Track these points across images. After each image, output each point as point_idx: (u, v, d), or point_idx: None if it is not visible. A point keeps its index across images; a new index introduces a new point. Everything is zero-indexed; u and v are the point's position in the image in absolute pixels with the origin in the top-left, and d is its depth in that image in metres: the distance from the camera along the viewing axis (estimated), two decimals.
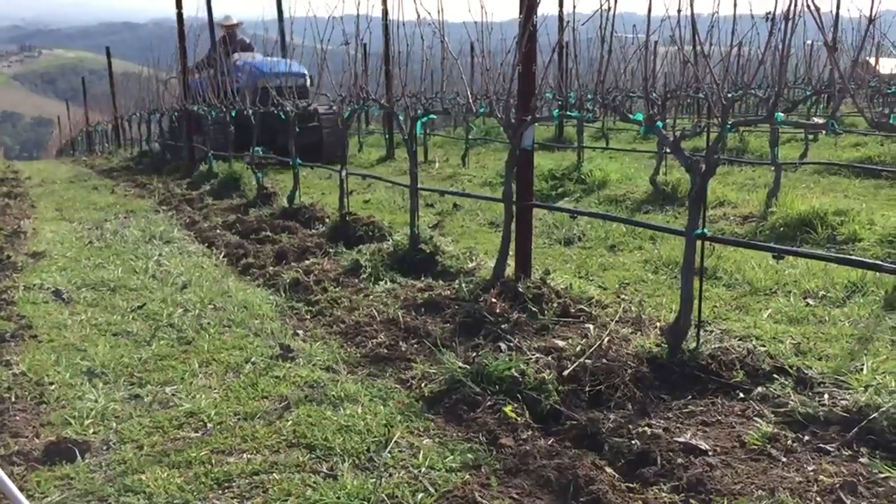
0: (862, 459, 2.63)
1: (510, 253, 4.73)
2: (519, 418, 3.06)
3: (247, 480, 2.70)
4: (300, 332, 4.34)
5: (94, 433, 3.11)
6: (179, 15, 12.09)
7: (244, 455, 2.89)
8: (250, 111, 9.22)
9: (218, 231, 7.36)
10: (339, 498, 2.54)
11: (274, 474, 2.73)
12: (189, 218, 8.39)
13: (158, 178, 12.06)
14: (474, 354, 3.66)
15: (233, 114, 10.11)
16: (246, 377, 3.66)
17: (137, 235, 7.33)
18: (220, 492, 2.65)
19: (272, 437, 3.01)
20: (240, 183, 9.96)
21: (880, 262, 3.51)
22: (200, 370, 3.78)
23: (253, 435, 3.04)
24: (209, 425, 3.15)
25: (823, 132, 9.74)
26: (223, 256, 6.30)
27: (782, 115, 3.18)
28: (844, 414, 2.92)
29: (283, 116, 8.25)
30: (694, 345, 3.51)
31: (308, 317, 4.64)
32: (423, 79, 5.38)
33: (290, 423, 3.13)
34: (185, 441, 3.02)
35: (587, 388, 3.28)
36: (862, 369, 3.40)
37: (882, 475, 2.50)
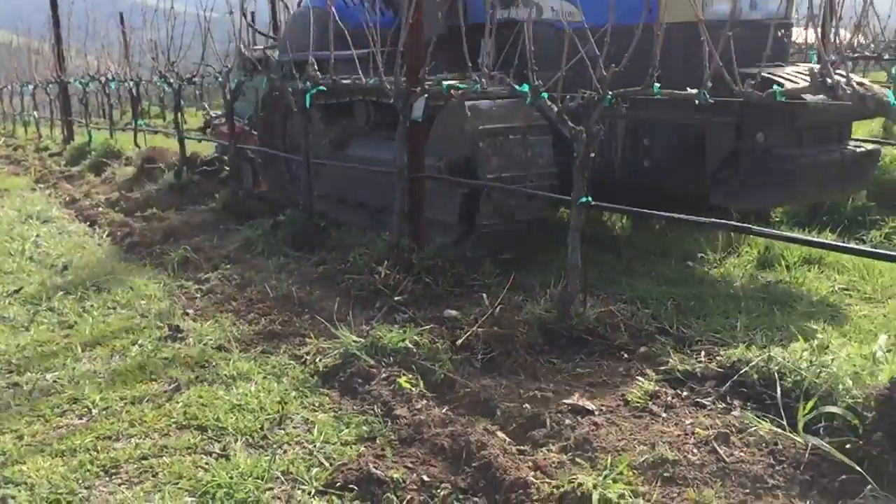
0: (734, 412, 2.80)
1: (404, 224, 4.74)
2: (413, 389, 3.09)
3: (135, 465, 2.63)
4: (190, 311, 4.23)
5: None
6: None
7: (132, 440, 2.81)
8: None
9: (100, 209, 7.06)
10: (231, 478, 2.51)
11: (164, 458, 2.68)
12: (69, 196, 8.01)
13: None
14: (368, 327, 3.66)
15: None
16: (133, 360, 3.55)
17: (12, 215, 6.96)
18: (106, 479, 2.58)
19: (161, 420, 2.94)
20: (121, 157, 9.54)
21: (751, 226, 3.71)
22: (84, 355, 3.64)
23: (141, 419, 2.96)
24: (94, 411, 3.05)
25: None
26: (107, 235, 6.05)
27: (659, 85, 3.30)
28: (719, 369, 3.09)
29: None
30: (582, 309, 3.62)
31: (198, 296, 4.52)
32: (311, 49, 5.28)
33: (180, 404, 3.06)
34: (69, 428, 2.92)
35: (480, 356, 3.35)
36: (736, 326, 3.60)
37: (752, 426, 2.66)
